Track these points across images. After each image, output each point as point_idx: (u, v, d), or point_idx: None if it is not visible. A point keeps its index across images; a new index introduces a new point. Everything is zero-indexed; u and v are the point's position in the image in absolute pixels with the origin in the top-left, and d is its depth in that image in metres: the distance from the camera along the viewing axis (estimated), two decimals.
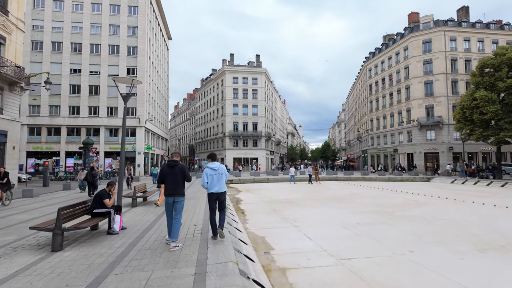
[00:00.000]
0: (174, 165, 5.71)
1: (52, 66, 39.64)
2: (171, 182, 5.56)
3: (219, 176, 5.88)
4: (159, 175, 5.74)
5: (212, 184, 5.82)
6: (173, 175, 5.59)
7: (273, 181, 28.21)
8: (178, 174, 5.62)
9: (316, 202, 13.26)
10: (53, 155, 39.25)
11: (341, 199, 14.39)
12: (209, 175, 5.85)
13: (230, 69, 57.54)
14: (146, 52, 42.37)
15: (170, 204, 5.57)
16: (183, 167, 5.79)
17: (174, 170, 5.65)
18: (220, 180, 5.88)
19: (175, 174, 5.61)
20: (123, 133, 8.89)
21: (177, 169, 5.67)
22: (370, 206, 11.84)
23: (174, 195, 5.52)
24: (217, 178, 5.86)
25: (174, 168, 5.67)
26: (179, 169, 5.68)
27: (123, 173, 8.69)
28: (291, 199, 14.23)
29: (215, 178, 5.84)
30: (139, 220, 7.64)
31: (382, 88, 51.44)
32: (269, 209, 11.23)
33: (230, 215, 9.00)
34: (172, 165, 5.71)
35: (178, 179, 5.60)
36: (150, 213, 8.84)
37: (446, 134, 40.72)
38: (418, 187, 21.54)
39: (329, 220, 8.86)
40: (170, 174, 5.59)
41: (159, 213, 8.92)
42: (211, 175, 5.85)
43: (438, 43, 41.96)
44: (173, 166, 5.69)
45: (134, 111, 40.80)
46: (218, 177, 5.87)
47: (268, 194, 16.87)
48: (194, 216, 8.32)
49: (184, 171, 5.73)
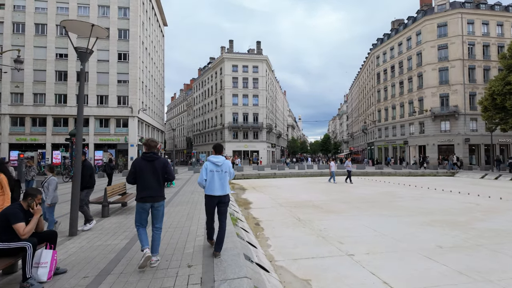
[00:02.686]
0: (153, 159, 4.22)
1: (36, 51, 36.35)
2: (149, 182, 4.11)
3: (221, 175, 4.51)
4: (131, 172, 4.17)
5: (211, 184, 4.44)
6: (152, 173, 4.14)
7: (281, 177, 25.23)
8: (159, 171, 4.18)
9: (347, 206, 10.35)
10: (38, 147, 36.25)
11: (375, 201, 11.46)
12: (208, 171, 4.51)
13: (230, 56, 54.16)
14: (138, 36, 39.02)
15: (146, 211, 4.11)
16: (165, 162, 4.29)
17: (153, 165, 4.18)
18: (223, 179, 4.51)
19: (155, 171, 4.16)
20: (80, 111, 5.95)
21: (157, 164, 4.19)
22: (426, 213, 8.89)
23: (155, 200, 4.12)
24: (219, 177, 4.49)
25: (154, 163, 4.19)
26: (160, 165, 4.21)
27: (79, 168, 5.75)
28: (314, 201, 11.30)
29: (217, 176, 4.47)
30: (99, 247, 4.71)
31: (391, 77, 48.39)
32: (291, 218, 8.33)
33: (242, 231, 6.11)
34: (150, 159, 4.21)
35: (159, 177, 4.18)
36: (124, 231, 5.92)
37: (462, 125, 37.91)
38: (453, 184, 18.70)
39: (390, 240, 5.99)
40: (148, 171, 4.14)
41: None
42: (212, 172, 4.49)
43: (454, 26, 38.85)
44: (152, 160, 4.20)
45: (126, 100, 37.63)
46: (221, 176, 4.50)
47: (281, 194, 13.88)
48: (189, 236, 5.45)
49: (167, 167, 4.26)
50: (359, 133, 69.30)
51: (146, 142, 4.30)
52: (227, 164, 4.61)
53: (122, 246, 4.86)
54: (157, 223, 4.20)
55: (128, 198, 8.61)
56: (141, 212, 4.06)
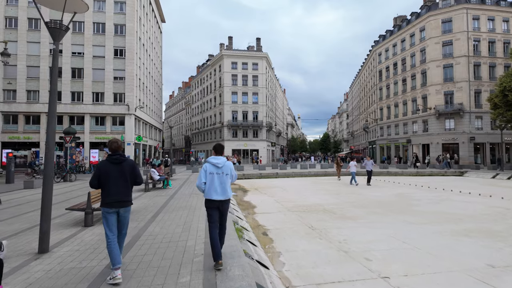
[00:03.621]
0: (120, 161, 3.86)
1: (29, 46, 35.21)
2: (116, 186, 3.77)
3: (222, 177, 4.14)
4: (95, 175, 3.83)
5: (211, 187, 4.07)
6: (119, 175, 3.81)
7: (283, 176, 24.15)
8: (127, 174, 3.86)
9: (362, 210, 9.30)
10: (32, 146, 35.14)
11: (391, 204, 10.38)
12: (208, 174, 4.12)
13: (229, 53, 53.01)
14: (135, 32, 37.88)
15: (113, 216, 3.75)
16: (133, 164, 4.02)
17: (121, 168, 3.85)
18: (223, 183, 4.14)
19: (123, 174, 3.84)
20: (52, 107, 4.94)
21: (125, 166, 3.87)
22: (453, 219, 7.80)
23: (122, 205, 3.77)
24: (220, 180, 4.12)
25: (121, 165, 3.86)
26: (128, 167, 3.90)
27: (51, 168, 4.74)
28: (324, 205, 10.22)
29: (217, 179, 4.11)
30: (71, 272, 3.64)
31: (393, 74, 47.40)
32: (303, 226, 7.31)
33: (249, 245, 5.11)
34: (116, 161, 3.84)
35: (127, 180, 3.86)
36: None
37: (467, 123, 36.97)
38: (466, 184, 17.68)
39: (426, 256, 4.92)
40: (114, 175, 3.80)
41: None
42: (212, 174, 4.11)
43: (459, 22, 37.87)
44: (119, 163, 3.85)
45: (123, 97, 36.52)
46: (221, 179, 4.13)
47: (287, 196, 12.80)
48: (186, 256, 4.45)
49: (135, 170, 3.97)
50: (360, 131, 68.35)
51: (111, 142, 3.93)
52: (229, 166, 4.22)
53: (100, 270, 3.84)
54: (123, 230, 3.90)
55: None
56: (108, 218, 3.72)
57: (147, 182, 12.02)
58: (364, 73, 65.25)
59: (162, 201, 9.60)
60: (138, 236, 5.35)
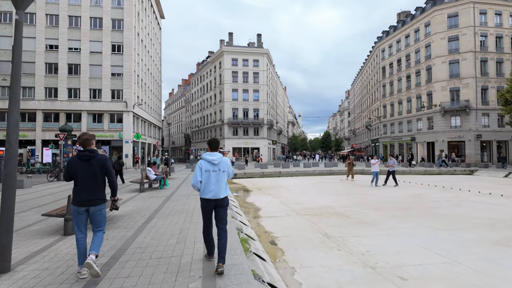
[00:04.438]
0: (89, 158, 3.58)
1: (25, 41, 34.05)
2: (85, 184, 3.53)
3: (219, 175, 3.79)
4: (66, 172, 3.60)
5: (207, 186, 3.73)
6: (89, 173, 3.56)
7: (286, 175, 23.16)
8: (96, 170, 3.58)
9: (379, 214, 8.39)
10: (28, 144, 34.24)
11: (409, 207, 9.40)
12: (204, 171, 3.77)
13: (229, 49, 51.98)
14: (133, 27, 36.91)
15: (83, 216, 3.56)
16: (104, 160, 3.63)
17: (90, 164, 3.57)
18: (220, 180, 3.78)
19: (92, 170, 3.57)
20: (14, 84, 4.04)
21: (95, 163, 3.59)
22: (485, 225, 6.65)
23: (92, 203, 3.54)
24: (216, 177, 3.77)
25: (91, 161, 3.58)
26: (98, 163, 3.60)
27: (14, 167, 3.86)
28: (335, 207, 9.30)
29: (213, 176, 3.76)
30: None
31: (397, 70, 46.42)
32: (315, 233, 6.39)
33: (256, 260, 4.22)
34: (85, 158, 3.58)
35: (97, 178, 3.60)
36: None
37: (474, 121, 36.04)
38: (481, 184, 16.63)
39: (471, 273, 3.98)
40: (84, 171, 3.55)
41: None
42: (207, 172, 3.76)
43: (466, 17, 36.88)
44: (88, 159, 3.58)
45: (120, 94, 35.59)
46: (218, 176, 3.78)
47: (293, 197, 11.85)
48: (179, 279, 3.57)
49: (105, 166, 3.63)
50: (362, 129, 67.40)
51: (83, 137, 3.64)
52: (225, 162, 3.91)
53: None
54: (97, 227, 3.65)
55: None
56: (77, 215, 3.55)
57: (142, 182, 11.10)
58: (366, 70, 64.22)
59: (156, 204, 8.70)
60: (123, 250, 4.46)
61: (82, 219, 3.55)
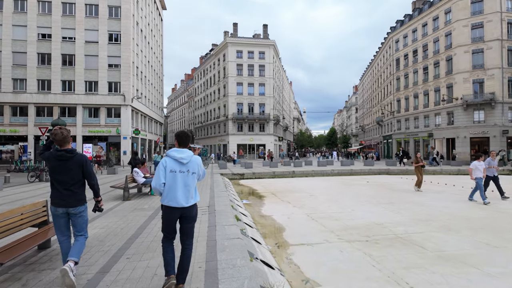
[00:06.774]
0: (66, 158, 3.24)
1: (15, 30, 31.94)
2: (61, 185, 3.25)
3: (187, 177, 3.09)
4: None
5: (172, 190, 3.03)
6: (65, 173, 3.25)
7: (300, 175, 20.29)
8: (74, 171, 3.28)
9: (462, 239, 5.63)
10: (19, 139, 32.11)
11: (495, 225, 6.71)
12: (168, 171, 3.06)
13: (234, 41, 49.31)
14: (132, 15, 34.43)
15: (62, 217, 3.29)
16: (82, 160, 3.34)
17: (67, 165, 3.24)
18: (188, 184, 3.08)
19: (69, 170, 3.26)
20: None
21: (72, 163, 3.26)
22: None
23: (68, 205, 3.24)
24: (183, 180, 3.07)
25: (68, 162, 3.24)
26: (76, 163, 3.29)
27: None
28: (390, 227, 6.51)
29: (180, 179, 3.05)
30: None
31: (413, 62, 43.50)
32: (388, 282, 3.89)
33: None
34: (63, 158, 3.23)
35: (74, 179, 3.29)
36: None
37: (500, 115, 33.18)
38: None
39: None
40: (60, 172, 3.25)
41: None
42: (173, 172, 3.06)
43: (491, 2, 33.86)
44: (66, 159, 3.23)
45: (118, 86, 33.21)
46: (186, 178, 3.08)
47: (322, 207, 9.08)
48: None
49: (84, 166, 3.34)
50: (372, 125, 64.54)
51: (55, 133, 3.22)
52: (196, 162, 3.15)
53: None
54: (78, 231, 3.36)
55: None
56: (56, 219, 3.31)
57: (127, 187, 8.57)
58: (378, 63, 61.22)
59: (138, 222, 6.15)
60: None
61: (61, 223, 3.31)
